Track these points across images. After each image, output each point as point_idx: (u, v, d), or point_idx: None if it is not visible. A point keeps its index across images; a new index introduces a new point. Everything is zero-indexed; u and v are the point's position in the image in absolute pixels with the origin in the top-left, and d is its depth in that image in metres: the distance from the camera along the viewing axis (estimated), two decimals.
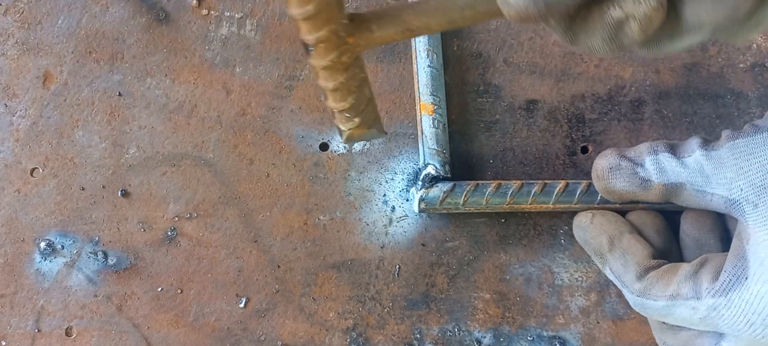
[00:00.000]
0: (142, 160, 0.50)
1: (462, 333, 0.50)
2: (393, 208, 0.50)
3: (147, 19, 0.50)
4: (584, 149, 0.51)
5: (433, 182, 0.47)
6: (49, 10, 0.50)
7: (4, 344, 0.49)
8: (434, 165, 0.48)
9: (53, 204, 0.49)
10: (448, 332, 0.50)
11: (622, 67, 0.51)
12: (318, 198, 0.50)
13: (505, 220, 0.50)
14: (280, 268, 0.49)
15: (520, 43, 0.51)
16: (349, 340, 0.49)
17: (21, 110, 0.50)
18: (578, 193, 0.47)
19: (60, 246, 0.49)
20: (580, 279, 0.50)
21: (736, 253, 0.40)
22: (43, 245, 0.49)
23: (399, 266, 0.50)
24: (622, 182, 0.43)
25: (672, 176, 0.42)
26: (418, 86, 0.49)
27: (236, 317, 0.49)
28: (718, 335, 0.41)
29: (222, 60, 0.50)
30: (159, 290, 0.49)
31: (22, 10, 0.50)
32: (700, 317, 0.40)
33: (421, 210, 0.48)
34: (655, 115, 0.51)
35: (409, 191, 0.49)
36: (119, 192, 0.49)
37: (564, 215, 0.50)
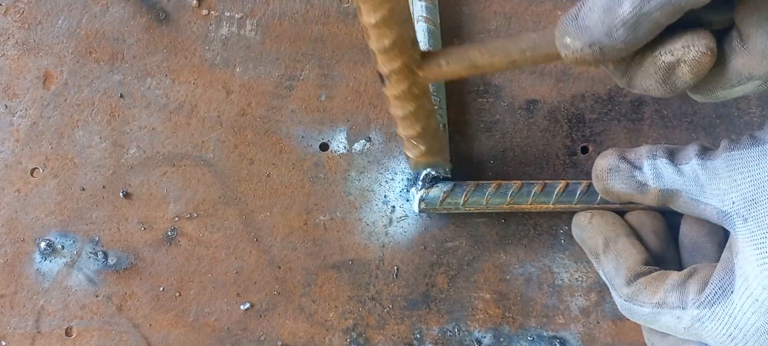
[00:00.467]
0: (143, 161, 0.50)
1: (462, 333, 0.50)
2: (393, 208, 0.50)
3: (147, 19, 0.50)
4: (584, 149, 0.51)
5: (434, 182, 0.47)
6: (49, 11, 0.50)
7: (4, 344, 0.49)
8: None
9: (53, 204, 0.49)
10: (448, 332, 0.50)
11: None
12: (318, 198, 0.50)
13: (505, 220, 0.50)
14: (280, 268, 0.49)
15: None
16: (349, 340, 0.49)
17: (21, 110, 0.50)
18: (578, 193, 0.47)
19: (60, 246, 0.49)
20: (580, 279, 0.50)
21: (725, 266, 0.40)
22: (43, 245, 0.49)
23: (399, 266, 0.50)
24: (619, 184, 0.43)
25: (668, 182, 0.42)
26: None
27: (236, 317, 0.49)
28: (702, 345, 0.41)
29: (222, 60, 0.50)
30: (159, 290, 0.49)
31: (22, 10, 0.50)
32: (685, 326, 0.40)
33: (421, 210, 0.48)
34: (655, 116, 0.51)
35: (410, 191, 0.49)
36: (119, 192, 0.49)
37: (564, 215, 0.50)
